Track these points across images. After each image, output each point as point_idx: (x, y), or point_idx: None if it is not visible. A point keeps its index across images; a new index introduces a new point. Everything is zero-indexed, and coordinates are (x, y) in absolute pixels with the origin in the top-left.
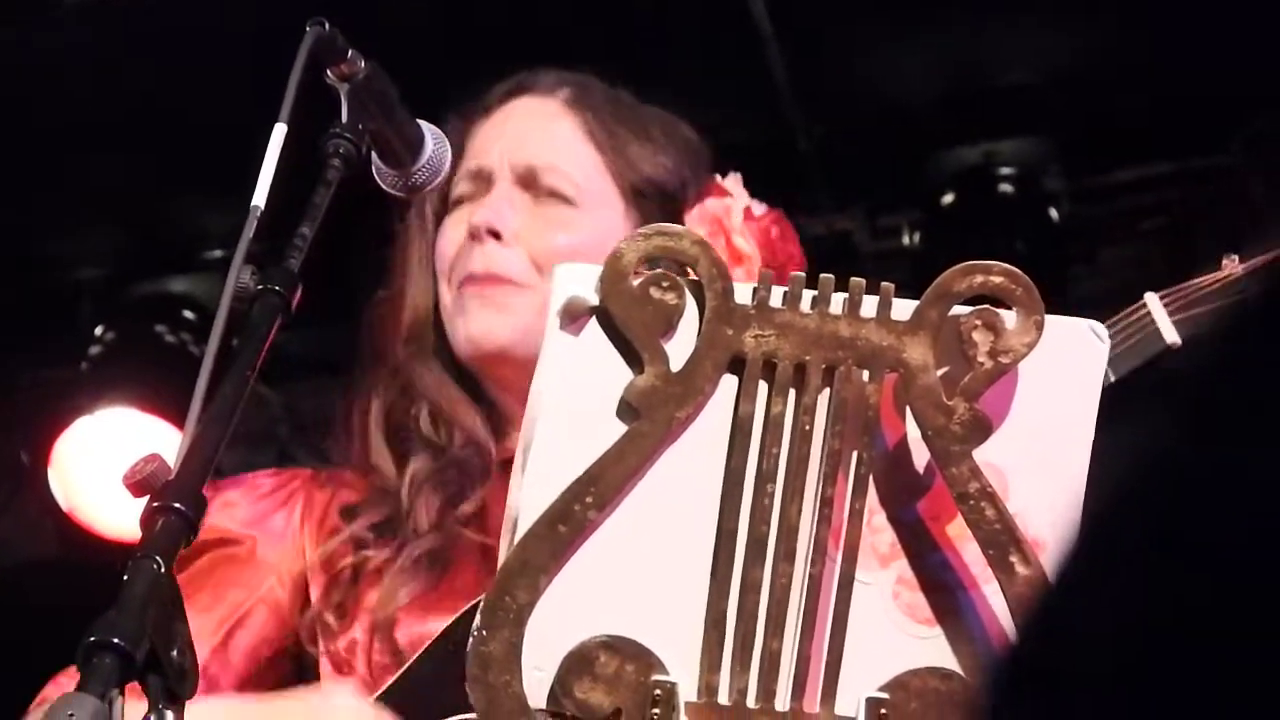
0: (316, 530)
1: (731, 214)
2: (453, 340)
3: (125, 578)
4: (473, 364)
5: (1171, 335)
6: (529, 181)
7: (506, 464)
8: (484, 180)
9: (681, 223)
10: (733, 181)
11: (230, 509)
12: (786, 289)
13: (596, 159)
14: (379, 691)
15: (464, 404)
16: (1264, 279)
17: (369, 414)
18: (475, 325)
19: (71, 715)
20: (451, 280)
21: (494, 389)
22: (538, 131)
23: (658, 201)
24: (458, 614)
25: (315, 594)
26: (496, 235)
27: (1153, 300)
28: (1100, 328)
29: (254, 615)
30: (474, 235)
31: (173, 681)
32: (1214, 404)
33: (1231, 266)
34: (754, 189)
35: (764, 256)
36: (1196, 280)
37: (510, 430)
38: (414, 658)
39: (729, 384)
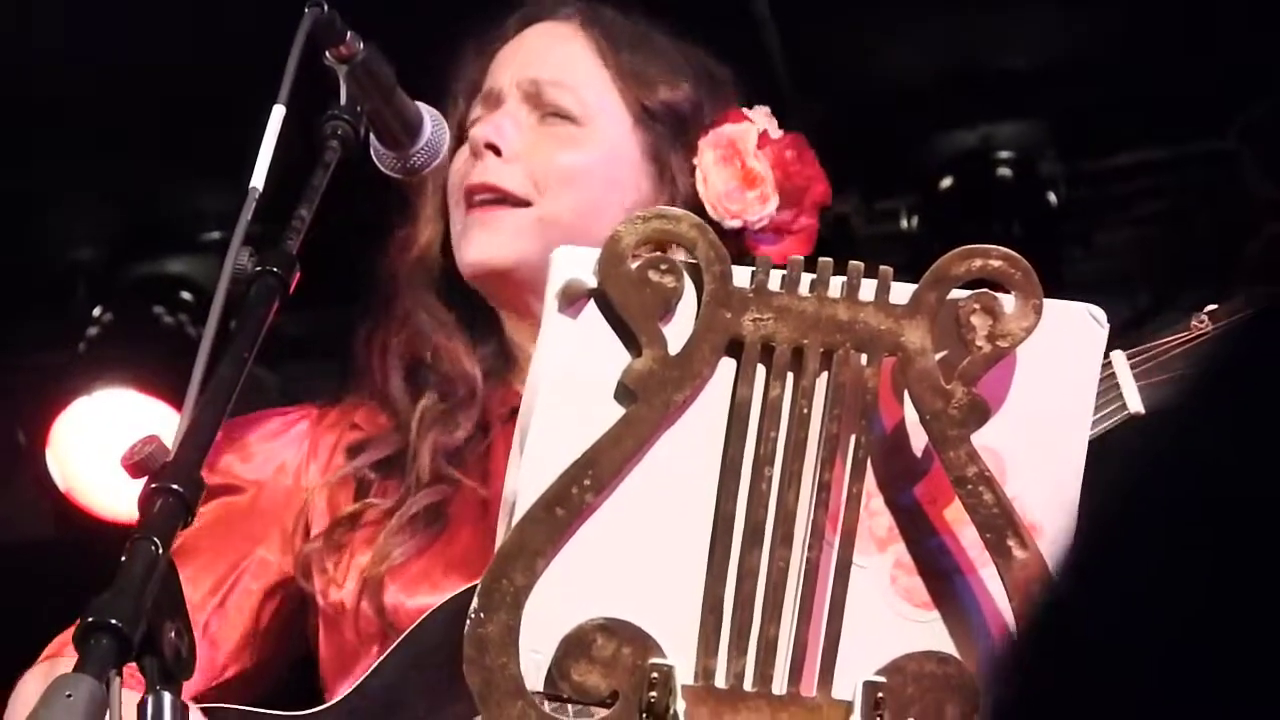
0: (321, 473)
1: (747, 137)
2: (460, 265)
3: (123, 559)
4: (479, 288)
5: (1135, 403)
6: (534, 99)
7: (512, 414)
8: (493, 102)
9: (695, 146)
10: (759, 112)
11: (238, 452)
12: (785, 272)
13: (605, 78)
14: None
15: (461, 348)
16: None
17: (388, 347)
18: (475, 248)
19: (69, 696)
20: (458, 201)
21: (505, 316)
22: (547, 51)
23: (669, 124)
24: (420, 621)
25: (315, 530)
26: (496, 150)
27: (1119, 361)
28: (1099, 312)
29: (254, 568)
30: (474, 151)
31: (170, 663)
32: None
33: (1201, 327)
34: None
35: (778, 178)
36: (1165, 339)
37: (519, 374)
38: (392, 646)
39: (727, 367)
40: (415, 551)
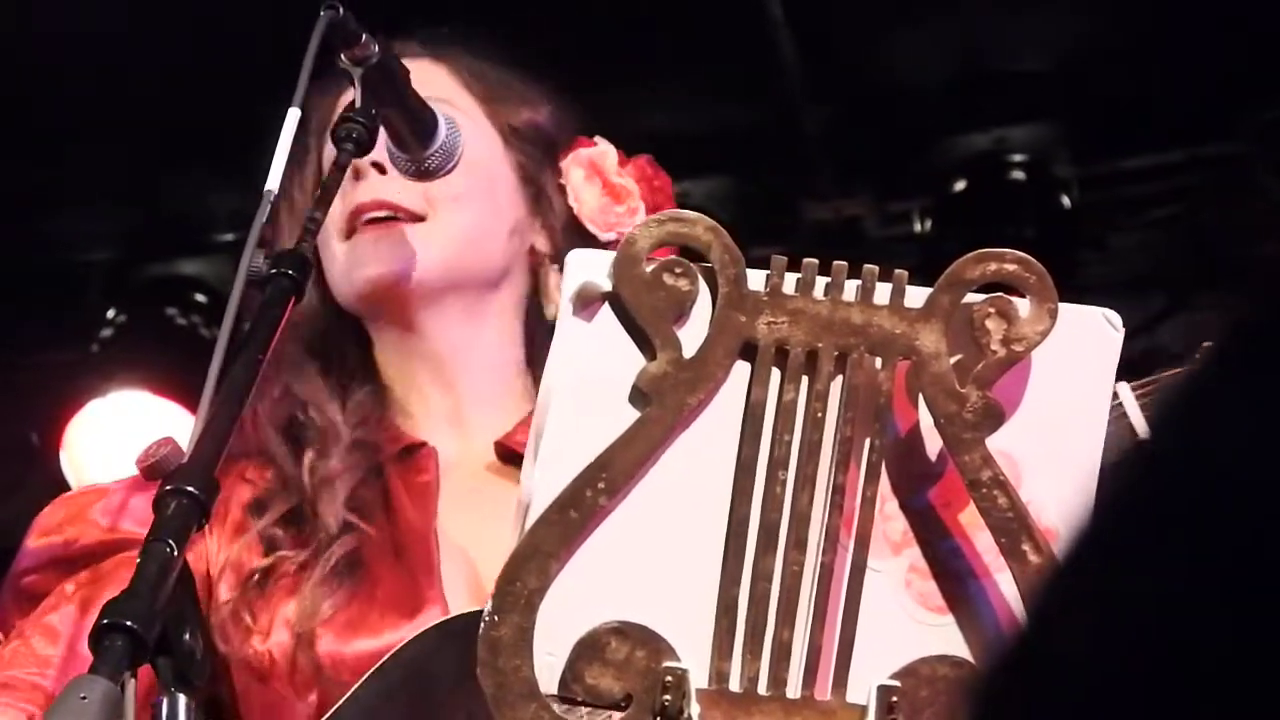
0: (220, 527)
1: (606, 157)
2: (342, 290)
3: (138, 561)
4: (364, 310)
5: (1144, 428)
6: None
7: (405, 453)
8: None
9: (558, 166)
10: (600, 140)
11: (120, 514)
12: (799, 275)
13: (471, 102)
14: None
15: (325, 399)
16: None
17: (258, 412)
18: (372, 265)
19: (84, 698)
20: (339, 226)
21: (385, 338)
22: (417, 83)
23: (537, 145)
24: (393, 633)
25: (226, 592)
26: (381, 169)
27: (1125, 391)
28: (1114, 316)
29: None
30: (358, 174)
31: (184, 664)
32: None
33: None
34: (763, 172)
35: (644, 192)
36: (1171, 372)
37: (400, 411)
38: (358, 684)
39: (741, 370)
40: (344, 602)
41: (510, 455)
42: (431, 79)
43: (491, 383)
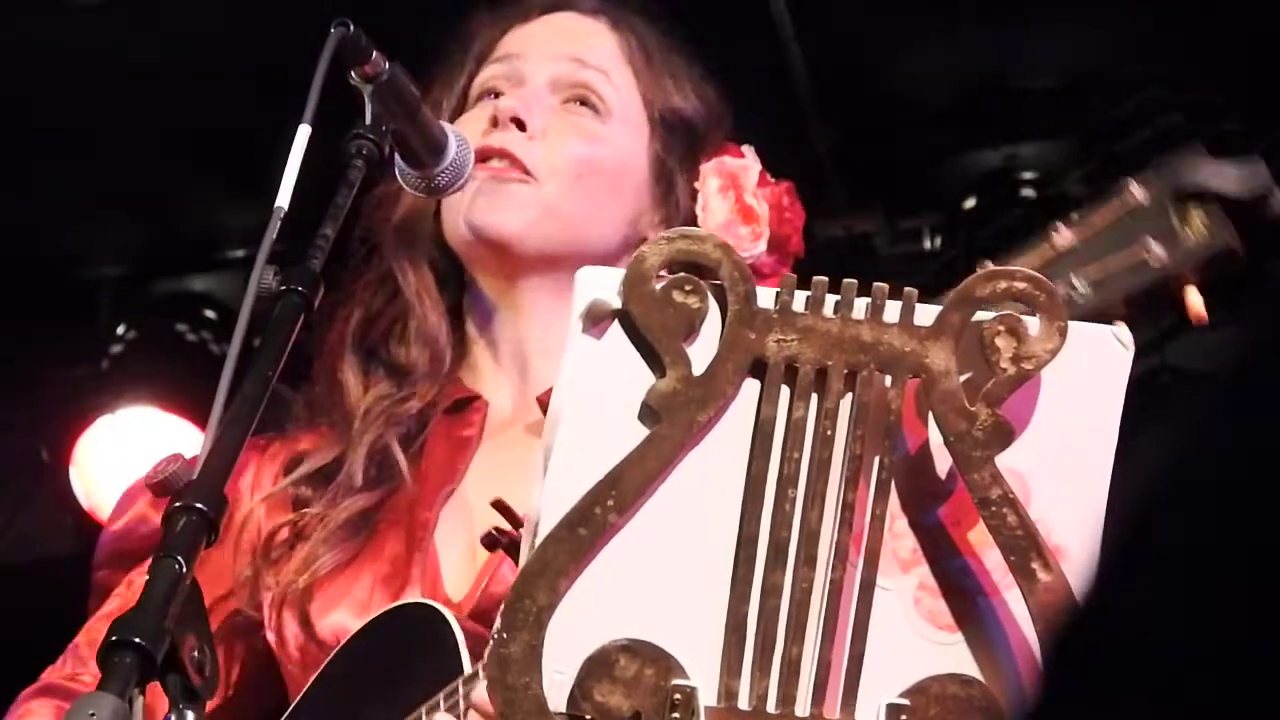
0: (263, 499)
1: (748, 173)
2: (451, 228)
3: (146, 577)
4: (467, 254)
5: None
6: (560, 85)
7: (453, 409)
8: (515, 78)
9: (698, 170)
10: (749, 151)
11: None
12: (809, 293)
13: (630, 79)
14: None
15: (438, 318)
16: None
17: (347, 325)
18: (479, 210)
19: (92, 715)
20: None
21: (475, 291)
22: (578, 42)
23: (681, 139)
24: (377, 608)
25: (257, 560)
26: (521, 124)
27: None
28: (1124, 333)
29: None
30: (497, 122)
31: (193, 681)
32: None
33: (1060, 238)
34: None
35: (772, 220)
36: (1024, 257)
37: (467, 363)
38: (324, 662)
39: (751, 388)
40: (344, 560)
41: None
42: (596, 44)
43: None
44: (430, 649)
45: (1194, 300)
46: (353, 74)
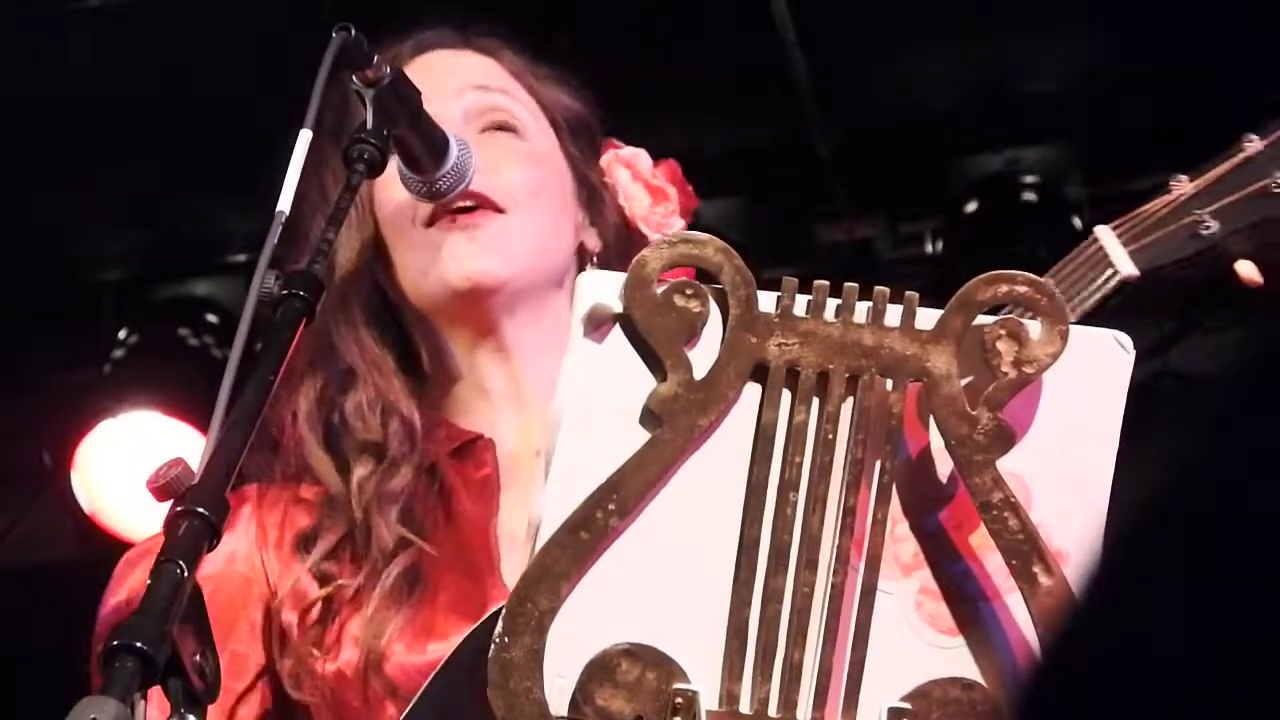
0: (276, 557)
1: (640, 158)
2: (427, 288)
3: (148, 582)
4: (444, 309)
5: (1128, 267)
6: (472, 115)
7: (457, 453)
8: None
9: (600, 165)
10: (621, 143)
11: None
12: (810, 297)
13: (526, 94)
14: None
15: (398, 385)
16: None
17: (298, 418)
18: (467, 261)
19: (94, 719)
20: (415, 220)
21: (455, 340)
22: (470, 71)
23: (583, 140)
24: (462, 636)
25: (288, 617)
26: None
27: (1104, 232)
28: (1125, 338)
29: (227, 666)
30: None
31: (194, 686)
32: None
33: (1180, 187)
34: (775, 194)
35: (681, 196)
36: (1147, 206)
37: (452, 406)
38: (425, 684)
39: (752, 392)
40: (409, 618)
41: None
42: (485, 70)
43: (553, 377)
44: None
45: None
46: (354, 78)
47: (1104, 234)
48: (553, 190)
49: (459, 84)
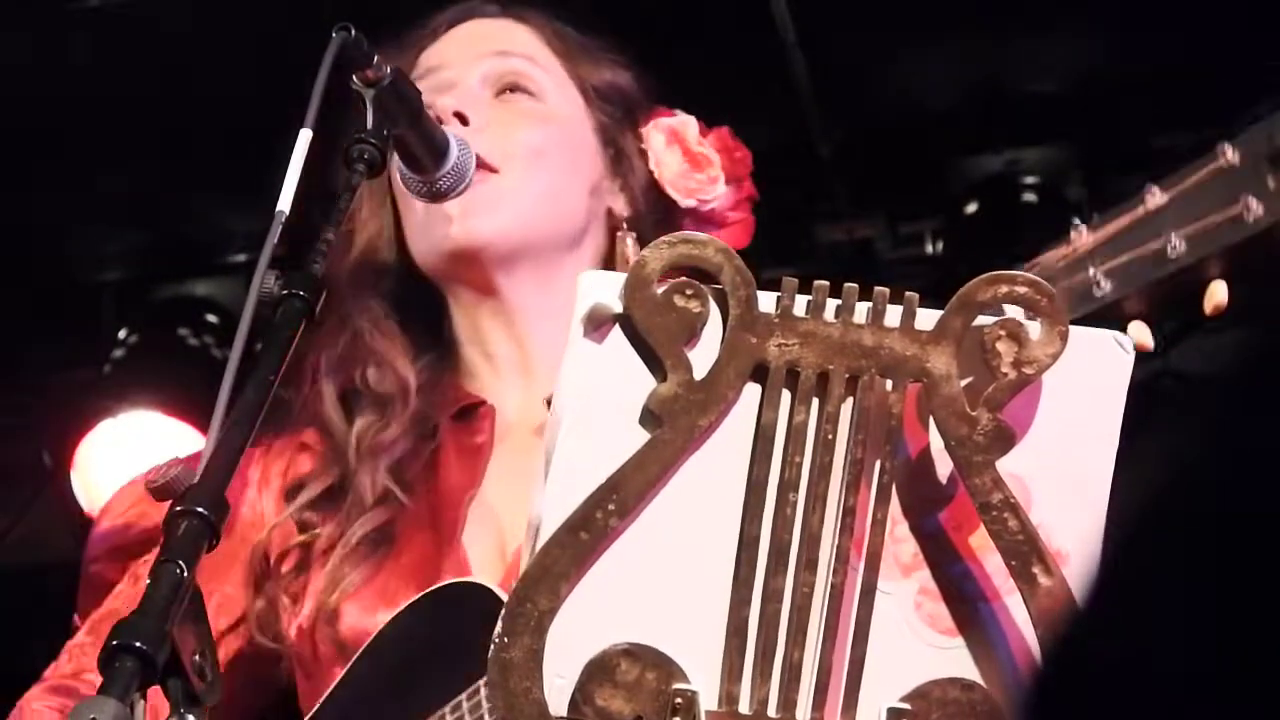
0: (273, 502)
1: (687, 127)
2: (425, 251)
3: (148, 581)
4: (444, 272)
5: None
6: (490, 80)
7: (459, 416)
8: (443, 87)
9: (639, 131)
10: (679, 112)
11: None
12: (810, 298)
13: (553, 58)
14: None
15: (398, 352)
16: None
17: (318, 369)
18: (459, 224)
19: (94, 719)
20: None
21: (461, 301)
22: (495, 38)
23: (617, 105)
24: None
25: (268, 577)
26: (463, 119)
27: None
28: (1125, 339)
29: (216, 605)
30: (440, 120)
31: (194, 685)
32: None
33: (1079, 239)
34: (775, 194)
35: (725, 163)
36: (1043, 257)
37: (465, 370)
38: (353, 658)
39: (752, 392)
40: (370, 574)
41: None
42: (513, 37)
43: (561, 343)
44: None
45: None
46: (354, 78)
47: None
48: (563, 151)
49: (480, 50)
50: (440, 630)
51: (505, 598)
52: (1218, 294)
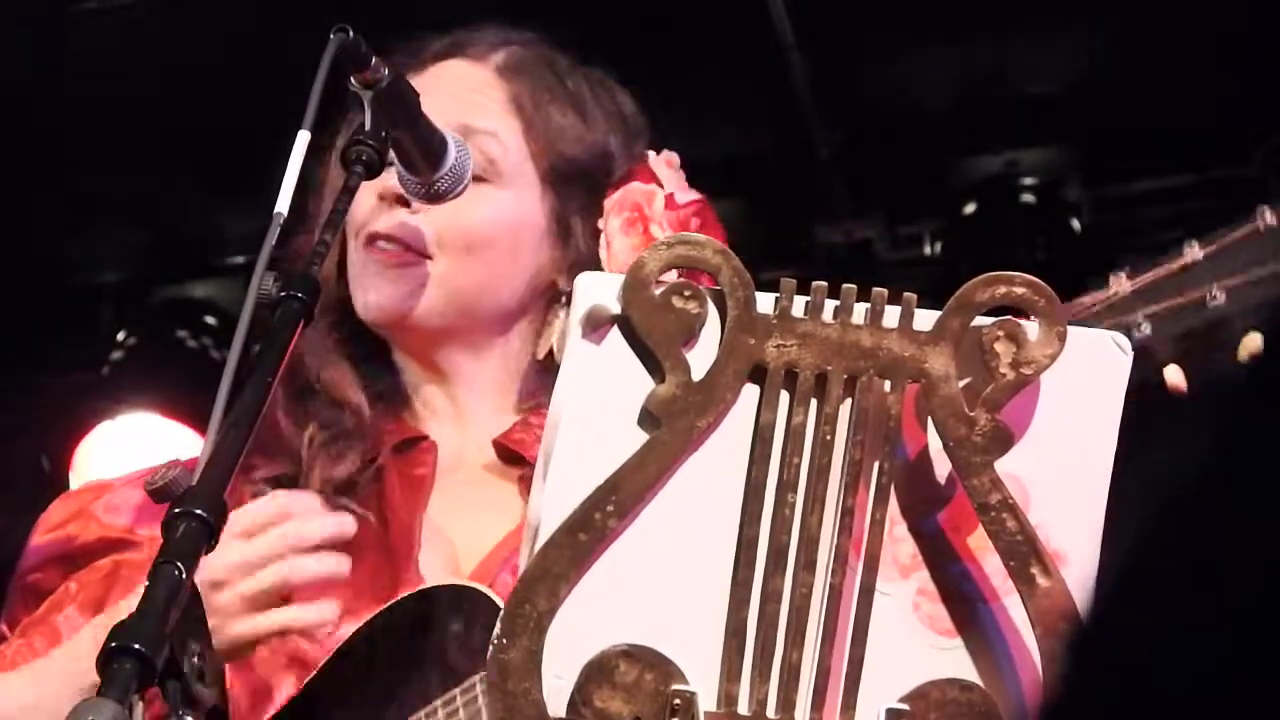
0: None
1: (654, 201)
2: (359, 307)
3: (146, 583)
4: (374, 328)
5: None
6: None
7: (400, 448)
8: None
9: (600, 207)
10: (664, 162)
11: (120, 511)
12: (809, 299)
13: (519, 136)
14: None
15: (345, 378)
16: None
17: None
18: (374, 295)
19: (91, 719)
20: (358, 237)
21: (399, 354)
22: (465, 103)
23: (576, 184)
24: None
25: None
26: (405, 203)
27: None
28: (1123, 339)
29: None
30: (383, 197)
31: (192, 687)
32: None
33: (1118, 285)
34: (774, 195)
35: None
36: (1081, 300)
37: (408, 408)
38: (326, 659)
39: (750, 393)
40: (322, 589)
41: (507, 453)
42: (483, 105)
43: (495, 396)
44: (470, 624)
45: None
46: (352, 80)
47: None
48: (502, 240)
49: (449, 118)
50: (428, 632)
51: (497, 600)
52: (1253, 344)
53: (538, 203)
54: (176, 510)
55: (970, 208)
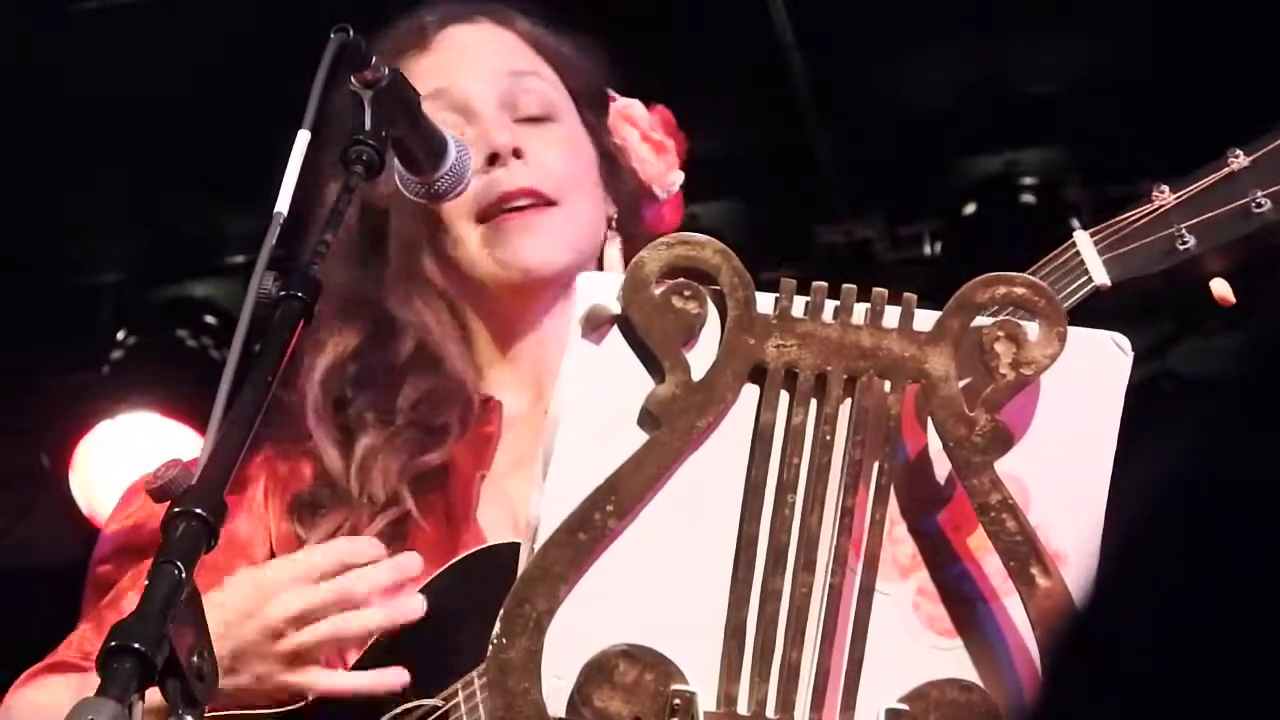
0: (280, 513)
1: (634, 109)
2: (485, 266)
3: (146, 583)
4: (500, 289)
5: (1101, 276)
6: (507, 104)
7: (484, 404)
8: (462, 109)
9: (609, 125)
10: (618, 96)
11: None
12: (809, 299)
13: (547, 68)
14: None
15: (465, 362)
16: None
17: (313, 379)
18: (528, 252)
19: (92, 719)
20: (475, 212)
21: (492, 329)
22: (500, 55)
23: (593, 104)
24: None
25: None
26: (520, 155)
27: (1082, 239)
28: (1123, 340)
29: None
30: (494, 160)
31: (192, 686)
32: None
33: (1161, 198)
34: (774, 196)
35: (677, 145)
36: (1127, 214)
37: (479, 371)
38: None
39: (750, 393)
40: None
41: None
42: (513, 51)
43: (559, 355)
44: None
45: None
46: (353, 79)
47: (1082, 241)
48: (589, 174)
49: (488, 69)
50: (483, 590)
51: None
52: None
53: (581, 129)
54: (176, 510)
55: (970, 208)
